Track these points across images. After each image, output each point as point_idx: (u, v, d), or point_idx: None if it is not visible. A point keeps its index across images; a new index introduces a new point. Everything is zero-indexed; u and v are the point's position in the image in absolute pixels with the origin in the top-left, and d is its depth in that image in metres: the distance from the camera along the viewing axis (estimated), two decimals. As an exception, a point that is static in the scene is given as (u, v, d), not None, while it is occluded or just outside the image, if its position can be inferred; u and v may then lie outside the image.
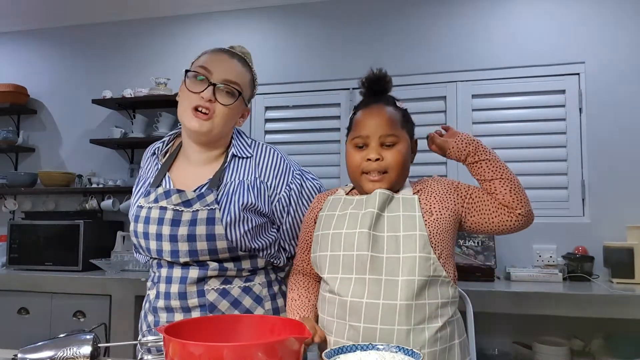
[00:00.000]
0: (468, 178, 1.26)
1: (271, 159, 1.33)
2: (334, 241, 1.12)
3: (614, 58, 2.69)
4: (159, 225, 1.22)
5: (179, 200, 1.23)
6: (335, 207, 1.17)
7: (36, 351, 1.01)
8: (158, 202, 1.24)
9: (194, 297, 1.22)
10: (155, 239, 1.22)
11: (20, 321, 2.73)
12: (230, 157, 1.30)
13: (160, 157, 1.36)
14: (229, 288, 1.24)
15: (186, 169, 1.32)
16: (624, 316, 2.08)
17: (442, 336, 1.06)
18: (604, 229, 2.59)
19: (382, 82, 1.21)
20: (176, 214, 1.22)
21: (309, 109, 3.14)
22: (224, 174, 1.28)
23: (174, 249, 1.21)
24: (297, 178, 1.35)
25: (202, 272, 1.22)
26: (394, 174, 1.13)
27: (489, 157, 1.19)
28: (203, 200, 1.23)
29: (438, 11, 2.97)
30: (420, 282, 1.04)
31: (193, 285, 1.22)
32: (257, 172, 1.30)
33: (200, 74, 1.24)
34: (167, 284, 1.23)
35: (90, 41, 3.53)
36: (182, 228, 1.20)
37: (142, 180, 1.37)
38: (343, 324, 1.08)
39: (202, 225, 1.20)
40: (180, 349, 0.73)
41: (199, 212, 1.21)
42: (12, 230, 3.01)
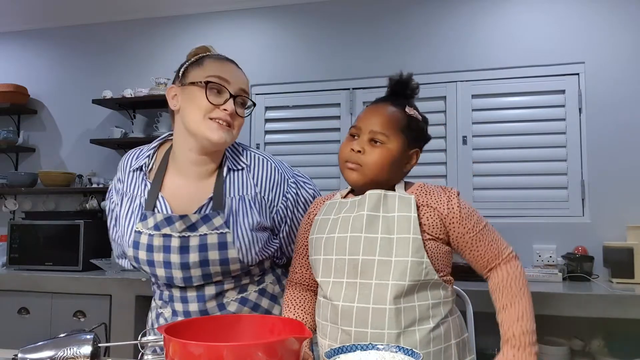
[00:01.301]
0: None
1: (266, 171, 1.29)
2: (327, 245, 1.11)
3: (614, 58, 2.69)
4: (166, 254, 1.18)
5: (183, 226, 1.18)
6: (331, 212, 1.16)
7: (36, 351, 1.01)
8: (160, 230, 1.18)
9: (215, 312, 1.21)
10: (163, 266, 1.19)
11: (20, 321, 2.73)
12: (227, 172, 1.26)
13: (148, 174, 1.28)
14: (246, 295, 1.25)
15: (180, 186, 1.25)
16: (624, 316, 2.08)
17: (435, 337, 1.05)
18: (604, 229, 2.59)
19: (402, 86, 1.20)
20: (183, 241, 1.17)
21: (309, 109, 3.14)
22: (223, 190, 1.24)
23: (186, 276, 1.19)
24: (292, 187, 1.33)
25: (218, 287, 1.22)
26: (369, 172, 1.11)
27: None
28: (210, 223, 1.18)
29: (438, 11, 2.98)
30: (409, 286, 1.03)
31: (212, 300, 1.22)
32: (254, 186, 1.27)
33: (222, 85, 1.18)
34: (183, 304, 1.22)
35: (90, 41, 3.53)
36: (192, 255, 1.17)
37: (127, 197, 1.27)
38: (336, 328, 1.08)
39: (214, 250, 1.18)
40: (181, 349, 0.73)
41: (208, 236, 1.17)
42: (12, 230, 3.01)
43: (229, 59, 1.27)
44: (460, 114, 2.89)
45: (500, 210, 2.78)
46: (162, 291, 1.26)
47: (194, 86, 1.19)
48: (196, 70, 1.22)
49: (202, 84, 1.18)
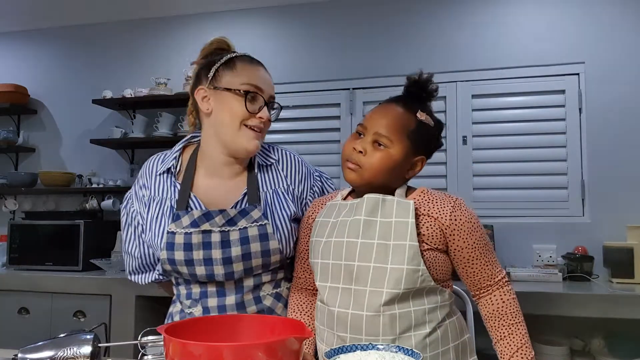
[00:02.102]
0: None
1: (294, 164, 1.33)
2: (325, 249, 1.10)
3: (614, 58, 2.69)
4: (207, 250, 1.17)
5: (223, 221, 1.18)
6: (331, 214, 1.14)
7: (36, 351, 1.01)
8: (199, 226, 1.17)
9: (252, 305, 1.21)
10: (203, 264, 1.18)
11: (20, 321, 2.73)
12: (257, 167, 1.29)
13: (177, 175, 1.28)
14: (280, 291, 1.26)
15: (212, 185, 1.26)
16: (624, 316, 2.08)
17: (432, 341, 1.03)
18: (604, 229, 2.59)
19: (418, 88, 1.16)
20: (224, 235, 1.17)
21: (309, 109, 3.15)
22: (257, 185, 1.26)
23: (228, 271, 1.18)
24: (318, 180, 1.36)
25: (257, 279, 1.22)
26: (367, 174, 1.08)
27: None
28: (248, 216, 1.19)
29: (438, 11, 2.98)
30: (404, 293, 1.01)
31: (249, 293, 1.22)
32: (285, 179, 1.30)
33: (258, 94, 1.21)
34: (219, 297, 1.21)
35: (90, 41, 3.53)
36: (234, 249, 1.17)
37: (155, 202, 1.26)
38: (332, 333, 1.07)
39: (256, 242, 1.18)
40: (181, 349, 0.73)
41: (248, 229, 1.18)
42: (12, 230, 3.01)
43: (257, 60, 1.28)
44: (460, 114, 2.89)
45: (500, 210, 2.78)
46: (191, 290, 1.23)
47: (229, 92, 1.20)
48: (229, 75, 1.22)
49: (239, 92, 1.19)
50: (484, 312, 1.11)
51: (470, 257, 1.08)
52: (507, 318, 1.07)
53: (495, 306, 1.09)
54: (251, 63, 1.25)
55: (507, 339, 1.07)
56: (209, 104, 1.23)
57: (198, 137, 1.32)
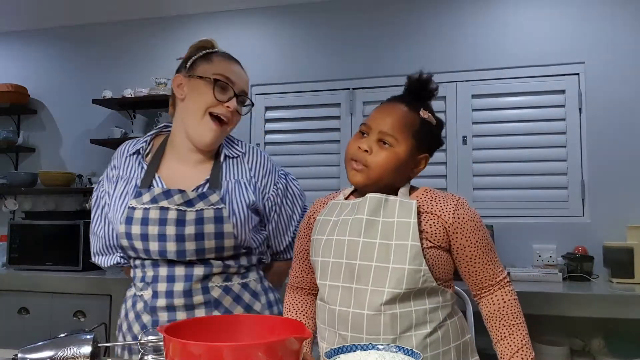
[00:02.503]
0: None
1: (260, 159, 1.39)
2: (326, 247, 1.10)
3: (614, 58, 2.69)
4: (162, 226, 1.21)
5: (181, 200, 1.22)
6: (332, 213, 1.15)
7: (36, 351, 1.01)
8: (157, 203, 1.22)
9: (198, 294, 1.22)
10: (157, 239, 1.21)
11: (20, 321, 2.73)
12: (224, 158, 1.34)
13: (144, 157, 1.35)
14: (230, 285, 1.27)
15: (177, 169, 1.32)
16: (624, 316, 2.08)
17: (432, 341, 1.03)
18: (604, 229, 2.59)
19: (420, 87, 1.16)
20: (180, 214, 1.21)
21: (309, 109, 3.14)
22: (220, 173, 1.31)
23: (180, 249, 1.21)
24: (282, 177, 1.42)
25: (207, 269, 1.24)
26: (373, 174, 1.08)
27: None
28: (206, 200, 1.23)
29: (438, 11, 2.97)
30: (405, 293, 1.01)
31: (198, 282, 1.23)
32: (249, 171, 1.35)
33: (227, 84, 1.28)
34: (168, 283, 1.23)
35: (90, 41, 3.53)
36: (188, 227, 1.21)
37: (122, 180, 1.33)
38: (333, 332, 1.07)
39: (211, 224, 1.21)
40: (181, 349, 0.73)
41: (205, 211, 1.22)
42: (12, 230, 3.01)
43: (234, 58, 1.36)
44: (460, 114, 2.89)
45: (500, 210, 2.78)
46: (145, 273, 1.26)
47: (201, 80, 1.27)
48: (205, 65, 1.30)
49: (210, 80, 1.27)
50: (485, 311, 1.10)
51: (472, 255, 1.08)
52: (508, 318, 1.07)
53: (497, 306, 1.09)
54: (227, 58, 1.33)
55: (507, 339, 1.06)
56: (183, 90, 1.31)
57: (169, 129, 1.40)
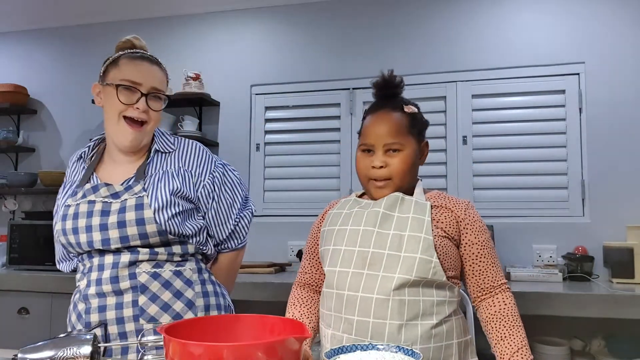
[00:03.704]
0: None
1: (194, 150, 1.42)
2: (338, 236, 1.15)
3: (614, 58, 2.69)
4: (88, 218, 1.27)
5: (107, 193, 1.29)
6: (344, 207, 1.22)
7: (36, 351, 1.01)
8: (86, 197, 1.30)
9: (125, 280, 1.26)
10: (85, 231, 1.27)
11: (20, 321, 2.73)
12: (154, 153, 1.38)
13: (87, 161, 1.42)
14: (159, 271, 1.29)
15: (112, 168, 1.38)
16: (624, 316, 2.08)
17: (437, 333, 1.06)
18: (604, 229, 2.59)
19: (391, 87, 1.23)
20: (105, 205, 1.28)
21: (309, 109, 3.14)
22: (149, 167, 1.36)
23: (104, 238, 1.26)
24: (220, 167, 1.45)
25: (133, 256, 1.27)
26: (398, 180, 1.16)
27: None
28: (131, 190, 1.30)
29: (438, 11, 2.98)
30: (415, 281, 1.05)
31: (125, 269, 1.27)
32: (180, 162, 1.38)
33: (132, 87, 1.31)
34: (99, 272, 1.28)
35: (90, 41, 3.53)
36: (111, 217, 1.26)
37: (68, 184, 1.41)
38: (339, 317, 1.10)
39: (132, 212, 1.26)
40: (181, 349, 0.73)
41: (127, 200, 1.28)
42: (12, 230, 3.01)
43: (144, 56, 1.36)
44: (460, 114, 2.89)
45: (500, 210, 2.78)
46: (84, 266, 1.33)
47: (110, 87, 1.32)
48: (113, 71, 1.33)
49: (114, 87, 1.31)
50: (485, 314, 1.13)
51: (479, 254, 1.13)
52: (508, 320, 1.10)
53: (497, 308, 1.12)
54: (133, 59, 1.34)
55: (507, 340, 1.09)
56: (100, 98, 1.36)
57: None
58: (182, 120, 3.12)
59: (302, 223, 3.01)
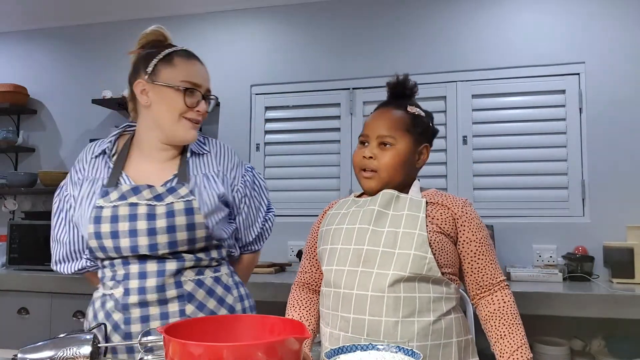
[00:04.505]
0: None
1: (227, 153, 1.41)
2: (335, 235, 1.16)
3: (614, 58, 2.69)
4: (132, 222, 1.20)
5: (150, 195, 1.23)
6: (342, 207, 1.23)
7: (36, 351, 1.01)
8: (126, 199, 1.22)
9: (172, 288, 1.22)
10: (128, 235, 1.20)
11: (20, 321, 2.73)
12: (190, 154, 1.35)
13: (111, 157, 1.35)
14: (202, 278, 1.27)
15: (144, 167, 1.32)
16: (624, 316, 2.08)
17: (435, 331, 1.06)
18: (604, 229, 2.59)
19: (400, 88, 1.26)
20: (150, 208, 1.21)
21: (309, 109, 3.14)
22: (187, 169, 1.32)
23: (152, 243, 1.20)
24: (249, 171, 1.45)
25: (179, 263, 1.24)
26: (384, 174, 1.17)
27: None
28: (175, 193, 1.24)
29: (438, 11, 2.98)
30: (410, 277, 1.05)
31: (171, 277, 1.23)
32: (218, 165, 1.36)
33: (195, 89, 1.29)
34: (140, 279, 1.21)
35: (90, 41, 3.53)
36: (159, 221, 1.20)
37: (88, 181, 1.31)
38: (336, 315, 1.11)
39: (181, 216, 1.22)
40: (180, 349, 0.73)
41: (174, 204, 1.22)
42: (12, 230, 3.01)
43: (193, 55, 1.35)
44: (460, 114, 2.89)
45: (500, 210, 2.78)
46: (115, 272, 1.25)
47: (168, 88, 1.27)
48: (168, 70, 1.28)
49: (179, 89, 1.26)
50: (485, 312, 1.13)
51: (477, 251, 1.14)
52: (507, 318, 1.10)
53: (497, 305, 1.12)
54: (188, 58, 1.32)
55: (507, 338, 1.09)
56: (147, 97, 1.29)
57: (133, 127, 1.39)
58: (182, 120, 3.12)
59: (302, 223, 3.00)
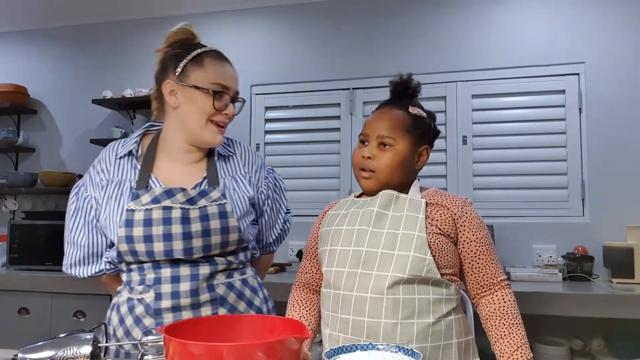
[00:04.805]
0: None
1: (251, 154, 1.41)
2: (334, 236, 1.16)
3: (614, 58, 2.69)
4: (167, 225, 1.18)
5: (183, 199, 1.21)
6: (342, 207, 1.22)
7: (36, 351, 1.01)
8: (160, 202, 1.20)
9: (205, 292, 1.22)
10: (162, 239, 1.18)
11: (20, 321, 2.73)
12: (217, 157, 1.34)
13: (138, 159, 1.31)
14: (232, 281, 1.28)
15: (172, 169, 1.30)
16: (624, 316, 2.08)
17: (434, 332, 1.05)
18: (604, 229, 2.59)
19: (402, 88, 1.25)
20: (184, 212, 1.20)
21: (309, 109, 3.14)
22: (216, 171, 1.31)
23: (187, 247, 1.20)
24: (271, 173, 1.46)
25: (212, 267, 1.24)
26: (382, 175, 1.16)
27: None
28: (208, 197, 1.23)
29: (438, 11, 2.98)
30: (409, 279, 1.05)
31: (204, 281, 1.22)
32: (244, 168, 1.37)
33: (224, 93, 1.26)
34: (173, 284, 1.20)
35: (91, 41, 3.53)
36: (194, 225, 1.20)
37: (113, 183, 1.27)
38: (335, 317, 1.10)
39: (216, 220, 1.21)
40: (180, 349, 0.73)
41: (208, 207, 1.22)
42: (12, 230, 3.01)
43: (223, 56, 1.32)
44: (460, 114, 2.89)
45: (500, 210, 2.78)
46: (144, 276, 1.23)
47: (197, 90, 1.24)
48: (198, 72, 1.25)
49: (208, 92, 1.24)
50: (485, 311, 1.13)
51: (477, 251, 1.13)
52: (508, 317, 1.10)
53: (497, 305, 1.11)
54: (218, 60, 1.29)
55: (507, 338, 1.08)
56: (176, 98, 1.27)
57: (156, 127, 1.37)
58: (182, 120, 3.12)
59: (302, 223, 3.00)
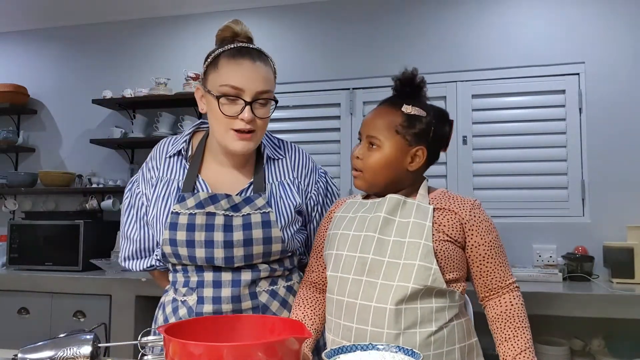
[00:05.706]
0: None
1: (302, 158, 1.35)
2: (341, 241, 1.13)
3: (614, 58, 2.69)
4: (209, 232, 1.16)
5: (227, 205, 1.17)
6: (350, 210, 1.19)
7: (36, 351, 1.01)
8: (204, 208, 1.17)
9: (247, 299, 1.20)
10: (204, 246, 1.16)
11: (20, 321, 2.73)
12: (266, 160, 1.29)
13: (187, 159, 1.27)
14: (276, 289, 1.25)
15: (218, 171, 1.26)
16: (624, 316, 2.08)
17: (436, 340, 1.04)
18: (604, 229, 2.59)
19: (400, 85, 1.19)
20: (227, 219, 1.17)
21: (309, 109, 3.14)
22: (263, 176, 1.26)
23: (228, 255, 1.17)
24: (322, 176, 1.40)
25: (255, 274, 1.21)
26: (368, 175, 1.14)
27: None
28: (252, 204, 1.19)
29: (438, 11, 2.98)
30: (414, 289, 1.03)
31: (246, 288, 1.20)
32: (292, 172, 1.31)
33: (231, 95, 1.14)
34: (215, 289, 1.19)
35: (90, 41, 3.53)
36: (236, 233, 1.17)
37: (162, 182, 1.25)
38: (338, 323, 1.09)
39: (258, 229, 1.18)
40: (180, 349, 0.73)
41: (251, 215, 1.18)
42: (12, 230, 3.01)
43: (245, 52, 1.20)
44: (460, 114, 2.89)
45: (500, 210, 2.77)
46: (188, 278, 1.22)
47: (211, 96, 1.17)
48: (213, 75, 1.17)
49: (215, 97, 1.15)
50: (492, 313, 1.12)
51: (486, 255, 1.11)
52: (514, 321, 1.09)
53: (504, 308, 1.10)
54: (234, 58, 1.17)
55: (511, 341, 1.07)
56: (203, 104, 1.22)
57: (206, 125, 1.31)
58: (182, 120, 3.12)
59: (302, 223, 3.00)
